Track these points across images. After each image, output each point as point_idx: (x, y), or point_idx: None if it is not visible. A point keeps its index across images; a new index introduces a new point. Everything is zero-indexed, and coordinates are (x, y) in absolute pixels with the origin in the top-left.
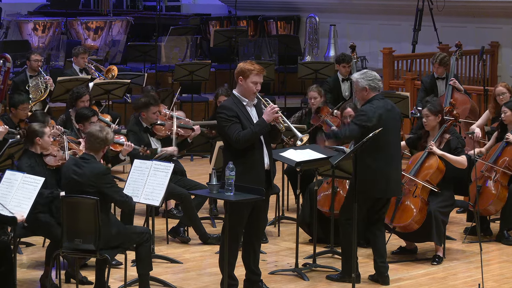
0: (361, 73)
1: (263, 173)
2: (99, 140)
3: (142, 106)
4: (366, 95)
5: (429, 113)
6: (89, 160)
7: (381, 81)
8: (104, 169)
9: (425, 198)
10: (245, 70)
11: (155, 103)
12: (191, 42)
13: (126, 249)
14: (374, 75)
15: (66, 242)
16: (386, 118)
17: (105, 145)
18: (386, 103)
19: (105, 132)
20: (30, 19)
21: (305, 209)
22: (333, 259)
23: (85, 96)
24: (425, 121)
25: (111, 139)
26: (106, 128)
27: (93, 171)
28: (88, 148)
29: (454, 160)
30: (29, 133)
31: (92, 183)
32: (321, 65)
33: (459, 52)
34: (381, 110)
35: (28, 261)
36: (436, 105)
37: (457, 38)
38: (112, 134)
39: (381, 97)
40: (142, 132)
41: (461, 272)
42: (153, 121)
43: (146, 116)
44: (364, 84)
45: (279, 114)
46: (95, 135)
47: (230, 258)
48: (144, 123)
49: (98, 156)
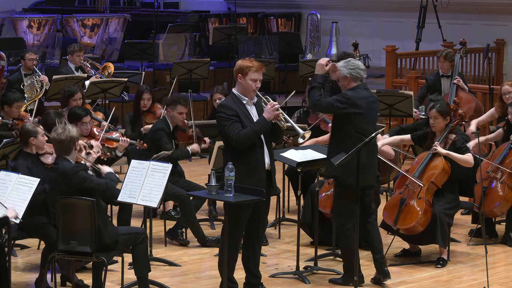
0: (344, 61)
1: (264, 173)
2: (65, 142)
3: (170, 103)
4: (347, 84)
5: (438, 114)
6: (58, 163)
7: (364, 71)
8: (70, 168)
9: (429, 199)
10: (244, 67)
11: (184, 103)
12: (189, 40)
13: (122, 251)
14: (357, 64)
15: (61, 244)
16: (368, 108)
17: (73, 142)
18: (369, 94)
19: (67, 131)
20: (24, 16)
21: (306, 211)
22: (335, 261)
23: (77, 94)
24: (432, 122)
25: (77, 133)
26: (67, 127)
27: (62, 173)
28: (58, 153)
29: (459, 158)
30: (23, 134)
31: (63, 183)
32: None
33: (463, 50)
34: (363, 100)
35: (23, 263)
36: (444, 106)
37: (462, 35)
38: (75, 130)
39: (364, 87)
40: (170, 134)
41: (466, 275)
42: (178, 122)
43: (171, 114)
44: (345, 73)
45: (279, 111)
46: (58, 139)
47: (230, 261)
48: (170, 123)
49: (72, 156)
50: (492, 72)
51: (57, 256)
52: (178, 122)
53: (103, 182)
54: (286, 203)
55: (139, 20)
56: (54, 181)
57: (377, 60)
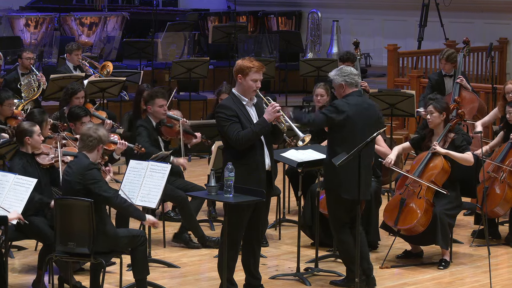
0: (336, 70)
1: (264, 174)
2: (91, 138)
3: (148, 99)
4: (343, 92)
5: (434, 109)
6: (79, 157)
7: (358, 76)
8: (87, 164)
9: (430, 199)
10: (244, 67)
11: (162, 95)
12: (188, 39)
13: (121, 252)
14: (349, 70)
15: (59, 245)
16: (358, 116)
17: (99, 144)
18: (363, 100)
19: (99, 131)
20: (22, 15)
21: (306, 212)
22: (335, 263)
23: (80, 93)
24: (429, 118)
25: (106, 138)
26: (101, 128)
27: (78, 167)
28: (81, 147)
29: (459, 157)
30: (18, 133)
31: (78, 180)
32: (324, 62)
33: (466, 49)
34: (353, 107)
35: (20, 265)
36: (441, 102)
37: (465, 34)
38: (107, 134)
39: (358, 94)
40: (152, 130)
41: (468, 276)
42: (160, 116)
43: (152, 110)
44: (339, 81)
45: (280, 113)
46: (88, 134)
47: (229, 262)
48: (152, 120)
49: (92, 155)
50: (495, 71)
51: (54, 258)
52: (161, 116)
53: (113, 192)
54: (287, 204)
55: (138, 19)
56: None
57: (378, 59)
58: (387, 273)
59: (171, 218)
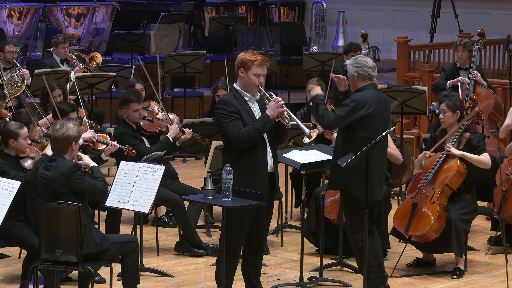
0: (353, 59)
1: (266, 175)
2: (61, 140)
3: (122, 103)
4: (355, 83)
5: (447, 108)
6: (56, 160)
7: (373, 69)
8: (71, 166)
9: (444, 204)
10: (246, 61)
11: (136, 99)
12: (183, 31)
13: (111, 260)
14: (364, 61)
15: (44, 253)
16: (377, 112)
17: (70, 142)
18: (379, 95)
19: (67, 131)
20: (4, 5)
21: (310, 217)
22: (342, 272)
23: (55, 91)
24: (441, 117)
25: (75, 133)
26: (66, 124)
27: (60, 170)
28: (53, 149)
29: (475, 159)
30: (3, 134)
31: (62, 183)
32: (329, 56)
33: (482, 42)
34: (373, 101)
35: (3, 274)
36: (455, 100)
37: (480, 26)
38: (76, 128)
39: (373, 87)
40: (134, 132)
41: (484, 286)
42: (135, 120)
43: (127, 114)
44: (352, 72)
45: (284, 108)
46: (54, 136)
47: (228, 271)
48: (130, 123)
49: (68, 155)
50: None
51: (39, 266)
52: (136, 121)
53: (99, 184)
54: (289, 209)
55: (129, 9)
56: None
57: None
58: (398, 283)
59: (165, 224)
